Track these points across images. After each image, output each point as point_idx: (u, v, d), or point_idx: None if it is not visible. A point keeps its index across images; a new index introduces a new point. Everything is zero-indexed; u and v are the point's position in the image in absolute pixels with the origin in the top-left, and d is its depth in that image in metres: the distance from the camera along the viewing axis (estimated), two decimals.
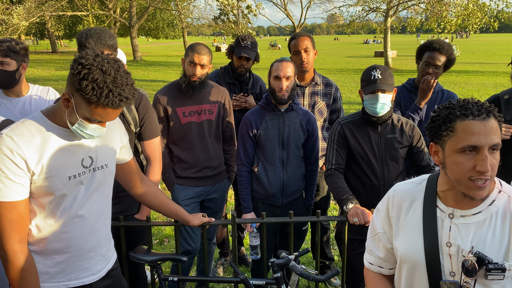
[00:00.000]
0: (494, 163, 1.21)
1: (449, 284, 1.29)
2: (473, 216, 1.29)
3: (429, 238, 1.33)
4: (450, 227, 1.31)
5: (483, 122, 1.20)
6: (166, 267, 3.72)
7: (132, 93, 1.50)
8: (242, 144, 2.71)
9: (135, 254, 2.22)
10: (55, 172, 1.55)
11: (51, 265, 1.64)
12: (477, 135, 1.20)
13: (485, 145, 1.20)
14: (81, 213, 1.65)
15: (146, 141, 2.47)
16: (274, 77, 2.57)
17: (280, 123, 2.65)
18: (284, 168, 2.68)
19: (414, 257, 1.37)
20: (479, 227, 1.27)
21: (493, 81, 16.15)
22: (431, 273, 1.33)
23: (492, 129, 1.20)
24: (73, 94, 1.47)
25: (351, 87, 15.29)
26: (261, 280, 2.27)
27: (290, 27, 26.63)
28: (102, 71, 1.43)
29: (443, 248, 1.31)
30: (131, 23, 27.89)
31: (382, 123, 2.43)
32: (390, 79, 2.34)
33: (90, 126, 1.53)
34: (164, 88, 2.83)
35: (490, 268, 1.21)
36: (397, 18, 24.53)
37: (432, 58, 2.80)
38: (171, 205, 2.15)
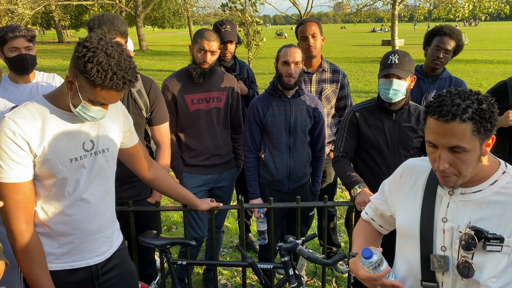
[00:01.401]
0: (456, 162, 1.23)
1: (439, 258, 1.32)
2: (473, 194, 1.31)
3: (425, 212, 1.37)
4: (449, 203, 1.34)
5: (443, 124, 1.20)
6: (174, 253, 3.76)
7: (134, 76, 1.53)
8: (249, 130, 2.73)
9: (144, 238, 2.25)
10: (56, 155, 1.58)
11: (57, 247, 1.67)
12: (435, 134, 1.23)
13: (440, 145, 1.23)
14: (85, 196, 1.68)
15: (155, 126, 2.49)
16: (283, 62, 2.57)
17: (287, 109, 2.65)
18: (290, 154, 2.70)
19: (409, 229, 1.41)
20: (478, 205, 1.30)
21: (502, 70, 15.96)
22: (423, 245, 1.36)
23: (452, 132, 1.19)
24: (77, 76, 1.49)
25: (358, 76, 15.20)
26: (269, 264, 2.30)
27: (297, 16, 26.41)
28: (106, 54, 1.45)
29: (438, 223, 1.35)
30: (136, 13, 27.82)
31: (398, 110, 2.38)
32: (408, 65, 2.27)
33: (93, 109, 1.55)
34: (172, 75, 2.83)
35: (489, 237, 1.23)
36: (404, 6, 24.21)
37: (442, 43, 2.80)
38: (180, 190, 2.18)
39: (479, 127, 1.19)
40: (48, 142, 1.55)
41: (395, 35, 21.71)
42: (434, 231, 1.35)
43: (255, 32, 11.73)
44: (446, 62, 2.84)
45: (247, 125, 2.74)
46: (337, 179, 3.38)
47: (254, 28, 11.59)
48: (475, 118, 1.19)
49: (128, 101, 2.36)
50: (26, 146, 1.51)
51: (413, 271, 1.42)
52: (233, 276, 3.42)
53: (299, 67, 2.57)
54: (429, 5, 22.35)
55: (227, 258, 3.71)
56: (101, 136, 1.72)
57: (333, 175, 3.32)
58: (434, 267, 1.34)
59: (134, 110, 2.37)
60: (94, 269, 1.78)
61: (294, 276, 2.17)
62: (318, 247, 3.84)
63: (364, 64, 19.28)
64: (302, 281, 2.27)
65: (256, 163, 2.77)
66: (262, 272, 2.29)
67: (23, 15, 19.99)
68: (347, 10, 31.08)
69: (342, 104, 3.21)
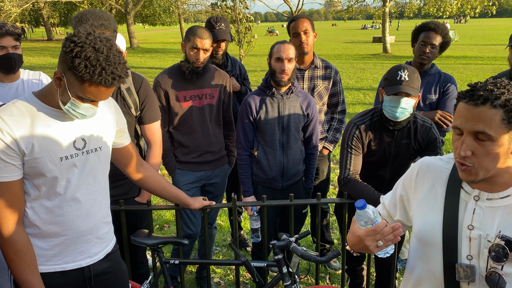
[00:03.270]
0: (480, 151, 1.16)
1: (465, 268, 1.24)
2: (501, 199, 1.22)
3: (449, 218, 1.28)
4: (474, 210, 1.26)
5: (472, 108, 1.15)
6: (167, 251, 3.74)
7: (124, 72, 1.49)
8: (242, 128, 2.70)
9: (136, 237, 2.22)
10: (46, 153, 1.54)
11: (47, 248, 1.64)
12: (462, 118, 1.17)
13: (465, 129, 1.16)
14: (77, 196, 1.64)
15: (146, 125, 2.46)
16: (276, 58, 2.54)
17: (280, 106, 2.63)
18: (284, 151, 2.68)
19: (431, 235, 1.33)
20: (507, 211, 1.21)
21: (492, 66, 16.10)
22: (447, 254, 1.28)
23: (479, 116, 1.13)
24: (65, 72, 1.46)
25: (349, 72, 15.24)
26: (262, 262, 2.28)
27: (288, 13, 26.42)
28: (95, 49, 1.41)
29: (464, 231, 1.26)
30: (127, 10, 27.60)
31: (400, 128, 2.28)
32: (417, 83, 2.14)
33: (83, 106, 1.51)
34: (164, 72, 2.80)
35: None
36: (395, 3, 24.33)
37: (428, 38, 2.81)
38: (171, 189, 2.15)
39: (510, 117, 1.12)
40: (37, 140, 1.52)
41: (386, 32, 21.84)
42: (459, 239, 1.27)
43: (246, 29, 11.70)
44: (433, 57, 2.84)
45: (240, 122, 2.71)
46: (330, 176, 3.38)
47: (245, 25, 11.56)
48: (507, 106, 1.12)
49: (117, 98, 2.33)
50: (15, 144, 1.48)
51: (435, 280, 1.34)
52: (226, 275, 3.41)
53: (292, 64, 2.55)
54: (419, 1, 22.48)
55: (220, 256, 3.70)
56: (93, 134, 1.68)
57: (325, 172, 3.31)
58: (460, 277, 1.26)
59: (122, 108, 2.34)
60: (86, 270, 1.74)
61: (288, 274, 2.16)
62: (311, 244, 3.83)
63: (355, 61, 19.33)
64: (295, 279, 2.27)
65: (249, 160, 2.75)
66: (256, 270, 2.28)
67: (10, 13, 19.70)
68: (338, 7, 31.15)
69: (335, 101, 3.20)
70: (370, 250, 1.27)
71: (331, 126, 3.26)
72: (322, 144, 3.22)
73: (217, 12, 13.30)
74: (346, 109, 3.63)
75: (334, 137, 3.24)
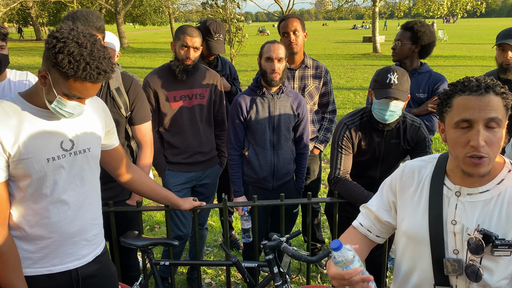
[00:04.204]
0: (492, 140, 1.18)
1: (453, 262, 1.28)
2: (480, 194, 1.27)
3: (434, 215, 1.32)
4: (456, 205, 1.30)
5: (479, 97, 1.18)
6: (157, 253, 3.71)
7: (110, 67, 1.47)
8: (232, 127, 2.69)
9: (125, 239, 2.20)
10: (32, 154, 1.52)
11: (33, 251, 1.61)
12: (471, 110, 1.18)
13: (478, 119, 1.18)
14: (64, 198, 1.62)
15: (137, 126, 2.44)
16: (266, 58, 2.53)
17: (270, 106, 2.63)
18: (274, 151, 2.68)
19: (418, 233, 1.36)
20: (486, 206, 1.26)
21: (480, 65, 16.27)
22: (434, 250, 1.32)
23: (489, 104, 1.17)
24: (50, 70, 1.43)
25: (340, 72, 15.29)
26: (253, 263, 2.28)
27: (279, 13, 26.42)
28: (78, 44, 1.39)
29: (448, 226, 1.30)
30: (117, 10, 27.40)
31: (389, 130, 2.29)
32: (406, 85, 2.14)
33: (69, 103, 1.49)
34: (154, 72, 2.78)
35: (497, 244, 1.19)
36: (385, 3, 24.48)
37: (397, 35, 2.95)
38: (161, 190, 2.13)
39: (507, 103, 1.19)
40: (23, 141, 1.49)
41: (376, 32, 21.96)
42: (445, 234, 1.31)
43: (237, 29, 11.69)
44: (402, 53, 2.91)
45: (230, 122, 2.70)
46: (321, 175, 3.38)
47: (236, 25, 11.55)
48: (504, 94, 1.19)
49: (106, 99, 2.30)
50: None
51: (425, 276, 1.37)
52: (217, 275, 3.40)
53: (282, 63, 2.54)
54: (409, 1, 22.65)
55: (211, 256, 3.68)
56: (81, 135, 1.66)
57: (316, 172, 3.31)
58: (448, 271, 1.29)
59: (112, 109, 2.31)
60: (74, 273, 1.71)
61: (279, 274, 2.16)
62: (302, 243, 3.84)
63: (345, 60, 19.41)
64: (286, 279, 2.26)
65: (240, 160, 2.74)
66: (247, 271, 2.27)
67: None
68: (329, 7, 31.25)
69: (325, 101, 3.20)
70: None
71: (321, 126, 3.26)
72: (313, 143, 3.22)
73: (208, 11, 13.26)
74: (337, 109, 3.64)
75: (325, 136, 3.24)
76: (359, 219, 1.58)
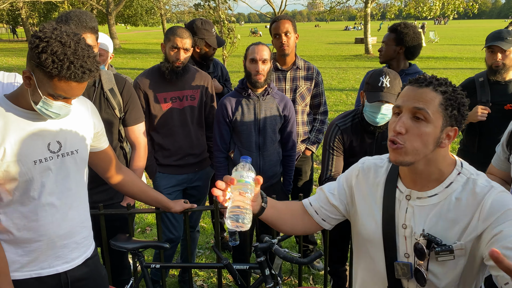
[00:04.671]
0: (413, 130, 1.19)
1: (402, 266, 1.29)
2: (429, 198, 1.26)
3: (386, 217, 1.33)
4: (407, 209, 1.29)
5: (415, 88, 1.22)
6: (149, 255, 3.69)
7: (95, 66, 1.45)
8: (218, 129, 2.68)
9: (116, 242, 2.18)
10: (18, 157, 1.50)
11: (22, 254, 1.59)
12: (404, 97, 1.23)
13: (405, 106, 1.21)
14: (52, 200, 1.60)
15: (130, 127, 2.42)
16: (250, 59, 2.53)
17: (256, 108, 2.62)
18: (260, 153, 2.66)
19: (372, 235, 1.37)
20: (434, 210, 1.25)
21: (471, 66, 16.41)
22: (387, 253, 1.32)
23: (421, 96, 1.19)
24: (34, 70, 1.42)
25: (332, 73, 15.34)
26: (245, 265, 2.27)
27: (271, 14, 26.44)
28: (61, 43, 1.37)
29: (399, 230, 1.30)
30: (108, 10, 27.24)
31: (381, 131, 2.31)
32: (397, 88, 2.15)
33: (55, 104, 1.47)
34: (144, 73, 2.76)
35: (437, 250, 1.19)
36: (377, 5, 24.62)
37: (384, 37, 2.98)
38: (151, 192, 2.11)
39: (447, 104, 1.19)
40: (9, 143, 1.47)
41: (368, 33, 22.07)
42: (397, 237, 1.31)
43: (229, 30, 11.66)
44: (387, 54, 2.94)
45: (216, 124, 2.69)
46: (313, 176, 3.38)
47: (228, 26, 11.53)
48: (447, 93, 1.20)
49: (100, 100, 2.28)
50: None
51: (379, 278, 1.38)
52: (209, 277, 3.38)
53: (267, 65, 2.54)
54: (400, 3, 22.80)
55: (203, 259, 3.67)
56: (69, 137, 1.64)
57: (308, 173, 3.31)
58: (398, 275, 1.30)
59: (106, 110, 2.29)
60: (63, 277, 1.69)
61: (270, 276, 2.15)
62: (294, 245, 3.83)
63: (338, 62, 19.47)
64: (278, 281, 2.25)
65: (225, 162, 2.73)
66: (238, 273, 2.26)
67: None
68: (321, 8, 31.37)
69: (317, 102, 3.21)
70: None
71: (313, 127, 3.26)
72: (304, 145, 3.22)
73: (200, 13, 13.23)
74: (328, 110, 3.64)
75: (317, 138, 3.24)
76: (310, 199, 1.55)
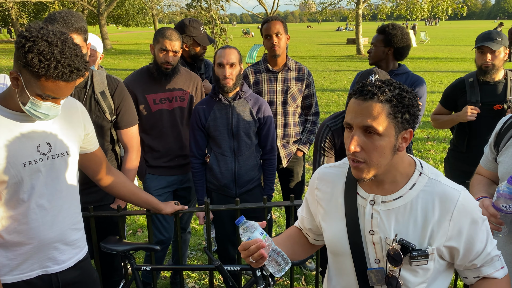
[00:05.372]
0: (368, 146, 1.16)
1: (376, 272, 1.27)
2: (394, 201, 1.24)
3: (351, 226, 1.29)
4: (372, 214, 1.26)
5: (361, 102, 1.16)
6: (140, 257, 3.67)
7: (83, 65, 1.43)
8: (193, 136, 2.64)
9: (106, 244, 2.16)
10: (7, 159, 1.48)
11: (12, 257, 1.57)
12: (351, 113, 1.18)
13: (354, 124, 1.17)
14: (42, 202, 1.58)
15: (123, 130, 2.38)
16: (218, 64, 2.49)
17: (228, 112, 2.57)
18: (235, 158, 2.62)
19: (339, 245, 1.33)
20: (401, 213, 1.23)
21: (461, 67, 16.56)
22: (356, 261, 1.30)
23: (368, 111, 1.14)
24: (21, 71, 1.40)
25: (324, 74, 15.38)
26: (236, 266, 2.26)
27: (263, 15, 26.49)
28: (48, 42, 1.36)
29: (367, 236, 1.28)
30: (99, 11, 27.10)
31: None
32: None
33: (44, 104, 1.45)
34: (132, 75, 2.74)
35: (414, 255, 1.18)
36: (368, 5, 24.75)
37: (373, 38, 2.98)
38: (142, 194, 2.10)
39: (396, 111, 1.15)
40: None
41: (360, 34, 22.18)
42: (364, 245, 1.28)
43: (222, 31, 11.66)
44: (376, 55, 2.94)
45: (191, 131, 2.65)
46: (305, 177, 3.38)
47: (220, 26, 11.52)
48: (393, 101, 1.15)
49: (91, 102, 2.25)
50: None
51: (350, 286, 1.35)
52: (201, 279, 3.37)
53: (235, 69, 2.49)
54: (391, 3, 22.94)
55: (195, 260, 3.65)
56: (59, 138, 1.62)
57: (300, 174, 3.31)
58: (373, 282, 1.28)
59: (96, 113, 2.26)
60: (54, 279, 1.68)
61: (262, 277, 2.15)
62: None
63: (330, 62, 19.54)
64: (270, 282, 2.25)
65: (202, 168, 2.69)
66: (230, 275, 2.25)
67: None
68: (313, 9, 31.47)
69: (308, 103, 3.21)
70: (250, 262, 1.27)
71: (305, 128, 3.27)
72: (296, 146, 3.22)
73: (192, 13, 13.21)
74: (320, 111, 3.65)
75: (308, 139, 3.25)
76: (299, 223, 1.59)
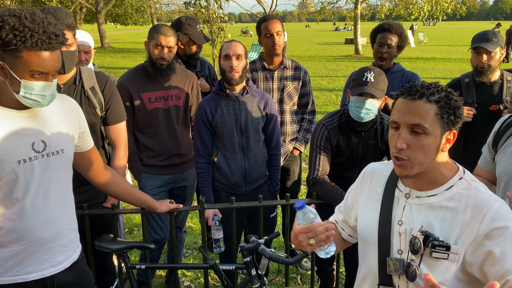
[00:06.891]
0: (415, 144, 1.22)
1: (395, 261, 1.32)
2: (427, 197, 1.30)
3: (384, 215, 1.37)
4: (404, 206, 1.33)
5: (409, 102, 1.23)
6: (136, 256, 3.65)
7: (60, 30, 1.42)
8: (198, 134, 2.57)
9: (100, 242, 2.15)
10: (1, 156, 1.46)
11: (6, 258, 1.55)
12: (400, 112, 1.24)
13: (402, 122, 1.23)
14: (37, 201, 1.56)
15: (111, 126, 2.37)
16: (224, 56, 2.44)
17: (236, 108, 2.52)
18: (245, 154, 2.57)
19: (368, 232, 1.41)
20: (431, 209, 1.28)
21: (459, 67, 16.59)
22: (381, 249, 1.36)
23: (416, 110, 1.21)
24: (3, 57, 1.38)
25: (322, 74, 15.38)
26: (231, 265, 2.26)
27: (261, 14, 26.47)
28: (16, 17, 1.36)
29: (394, 226, 1.34)
30: (97, 9, 27.01)
31: (367, 129, 2.30)
32: (382, 85, 2.17)
33: (36, 85, 1.43)
34: (127, 73, 2.72)
35: (435, 244, 1.22)
36: (367, 5, 24.76)
37: (384, 39, 2.88)
38: (136, 193, 2.09)
39: (443, 112, 1.21)
40: None
41: (358, 34, 22.19)
42: (391, 234, 1.34)
43: (220, 29, 11.63)
44: (392, 57, 2.90)
45: (196, 129, 2.58)
46: (301, 176, 3.38)
47: (218, 25, 11.49)
48: (441, 102, 1.21)
49: (81, 98, 2.23)
50: None
51: (372, 274, 1.41)
52: (197, 278, 3.36)
53: (242, 61, 2.44)
54: (389, 3, 22.96)
55: (191, 259, 3.64)
56: (54, 136, 1.60)
57: (297, 172, 3.31)
58: (390, 270, 1.33)
59: (87, 109, 2.25)
60: (49, 281, 1.65)
61: (257, 276, 2.14)
62: (283, 245, 3.83)
63: (328, 62, 19.54)
64: (265, 281, 2.25)
65: (208, 168, 2.61)
66: (224, 274, 2.25)
67: None
68: (311, 8, 31.43)
69: (304, 101, 3.20)
70: (303, 246, 1.32)
71: (301, 127, 3.26)
72: (292, 144, 3.22)
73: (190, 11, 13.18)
74: (317, 110, 3.64)
75: (305, 137, 3.24)
76: (334, 217, 1.64)
